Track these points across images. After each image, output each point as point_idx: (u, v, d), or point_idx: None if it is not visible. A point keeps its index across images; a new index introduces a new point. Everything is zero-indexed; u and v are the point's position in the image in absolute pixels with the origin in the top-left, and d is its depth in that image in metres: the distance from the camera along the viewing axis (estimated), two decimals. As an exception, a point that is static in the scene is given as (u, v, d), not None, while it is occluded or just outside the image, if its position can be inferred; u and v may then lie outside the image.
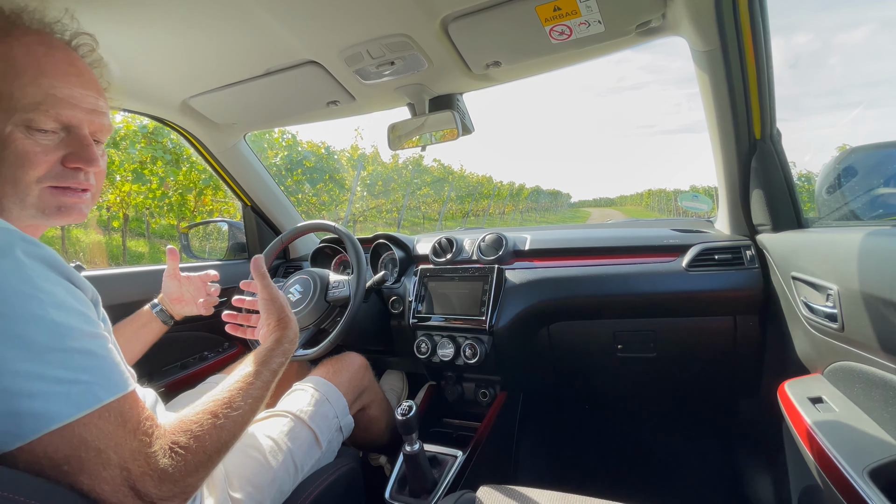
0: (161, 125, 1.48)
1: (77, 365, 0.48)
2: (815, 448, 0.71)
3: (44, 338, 0.46)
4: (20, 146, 0.57)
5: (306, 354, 1.18)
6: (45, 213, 0.61)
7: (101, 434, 0.47)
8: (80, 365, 0.48)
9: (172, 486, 0.51)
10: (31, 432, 0.44)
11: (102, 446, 0.47)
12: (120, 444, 0.48)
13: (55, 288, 0.49)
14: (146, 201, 6.07)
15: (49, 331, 0.47)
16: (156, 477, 0.50)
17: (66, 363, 0.47)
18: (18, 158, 0.58)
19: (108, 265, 6.28)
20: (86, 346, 0.50)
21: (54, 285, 0.49)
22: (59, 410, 0.45)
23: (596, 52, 1.01)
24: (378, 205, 12.05)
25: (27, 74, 0.58)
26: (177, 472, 0.51)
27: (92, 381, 0.48)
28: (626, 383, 1.49)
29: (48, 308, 0.47)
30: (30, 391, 0.44)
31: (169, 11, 0.84)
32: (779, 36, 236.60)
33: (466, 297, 1.31)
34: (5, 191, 0.58)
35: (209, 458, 0.56)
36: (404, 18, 0.89)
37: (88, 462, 0.46)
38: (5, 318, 0.45)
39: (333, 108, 1.30)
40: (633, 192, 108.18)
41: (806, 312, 0.88)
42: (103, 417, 0.48)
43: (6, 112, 0.57)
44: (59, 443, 0.45)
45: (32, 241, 0.50)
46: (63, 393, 0.46)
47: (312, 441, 0.95)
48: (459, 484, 1.06)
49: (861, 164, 0.99)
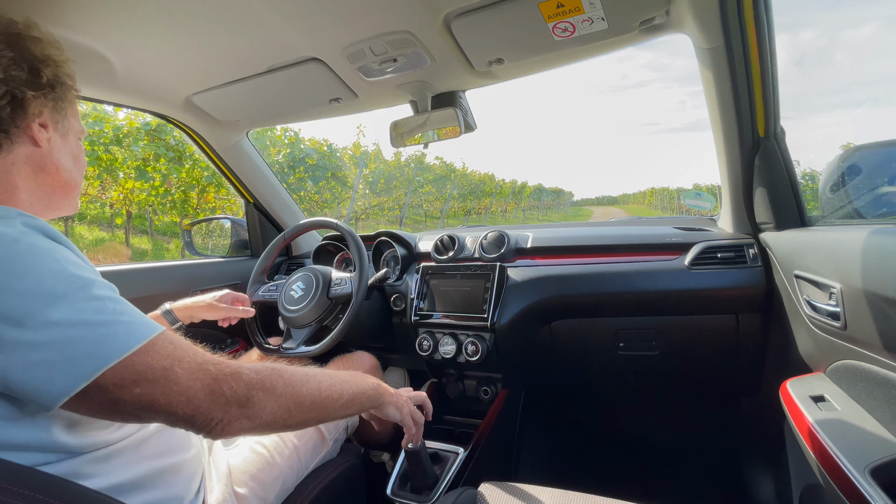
0: (164, 122, 1.49)
1: (111, 309, 0.51)
2: (816, 446, 0.71)
3: (71, 289, 0.49)
4: (83, 152, 0.73)
5: (309, 351, 1.18)
6: (77, 206, 0.74)
7: (163, 354, 0.52)
8: (114, 309, 0.52)
9: (246, 390, 0.56)
10: (90, 371, 0.47)
11: (167, 364, 0.51)
12: (184, 359, 0.53)
13: (62, 250, 0.53)
14: (149, 198, 6.09)
15: (73, 282, 0.50)
16: (230, 378, 0.55)
17: (101, 309, 0.50)
18: (85, 160, 0.73)
19: (112, 262, 6.30)
20: (110, 294, 0.53)
21: (59, 247, 0.53)
22: (112, 349, 0.49)
23: (599, 49, 1.01)
24: (380, 202, 12.04)
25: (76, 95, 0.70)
26: (254, 377, 0.57)
27: (132, 321, 0.52)
28: (628, 381, 1.49)
29: (64, 264, 0.51)
30: (78, 337, 0.47)
31: (173, 9, 0.84)
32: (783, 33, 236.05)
33: (468, 295, 1.31)
34: (78, 183, 0.71)
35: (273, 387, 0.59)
36: (407, 15, 0.89)
37: (158, 382, 0.50)
38: (29, 276, 0.47)
39: (336, 106, 1.30)
40: (636, 190, 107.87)
41: (809, 311, 0.88)
42: (157, 344, 0.52)
43: (79, 126, 0.71)
44: (124, 373, 0.49)
45: (29, 215, 0.53)
46: (110, 333, 0.49)
47: (319, 439, 0.96)
48: (461, 481, 1.06)
49: (865, 163, 0.98)
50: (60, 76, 0.65)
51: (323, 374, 0.69)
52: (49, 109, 0.64)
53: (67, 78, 0.66)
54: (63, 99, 0.66)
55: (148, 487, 0.62)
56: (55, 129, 0.66)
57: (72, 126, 0.69)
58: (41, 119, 0.63)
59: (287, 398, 0.61)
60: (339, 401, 0.69)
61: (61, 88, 0.65)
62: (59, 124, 0.66)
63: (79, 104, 0.73)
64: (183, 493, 0.68)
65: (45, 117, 0.63)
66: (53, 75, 0.63)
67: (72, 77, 0.67)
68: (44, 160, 0.65)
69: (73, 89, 0.68)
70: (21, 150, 0.62)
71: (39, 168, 0.65)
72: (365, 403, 0.76)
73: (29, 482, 0.43)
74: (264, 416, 0.58)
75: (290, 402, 0.61)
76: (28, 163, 0.63)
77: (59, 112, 0.66)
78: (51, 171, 0.66)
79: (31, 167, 0.64)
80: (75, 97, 0.69)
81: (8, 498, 0.40)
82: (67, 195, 0.70)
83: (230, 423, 0.55)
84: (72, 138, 0.69)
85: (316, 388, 0.65)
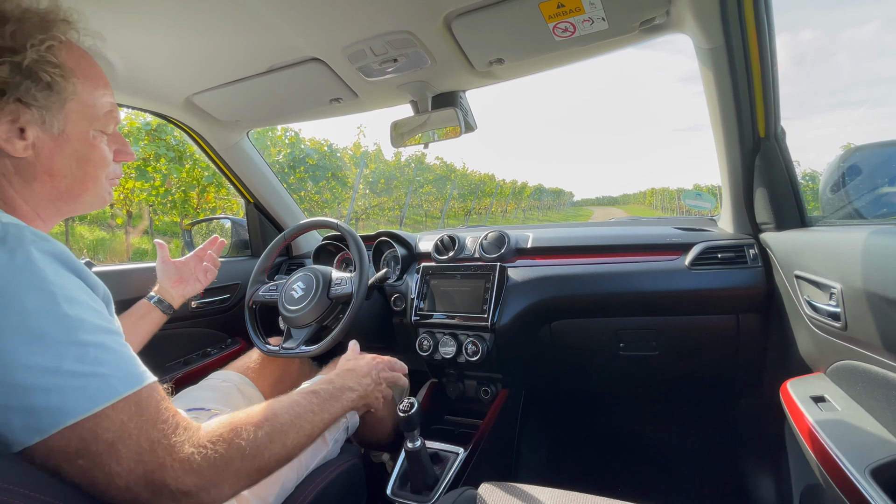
0: (164, 122, 1.49)
1: (92, 358, 0.48)
2: (817, 447, 0.70)
3: (56, 331, 0.46)
4: (101, 148, 0.63)
5: (309, 351, 1.18)
6: (105, 200, 0.67)
7: (112, 427, 0.47)
8: (95, 358, 0.48)
9: (197, 479, 0.50)
10: (48, 427, 0.44)
11: (114, 438, 0.46)
12: (132, 435, 0.47)
13: (67, 283, 0.50)
14: (149, 198, 6.08)
15: (61, 324, 0.47)
16: (177, 467, 0.49)
17: (81, 357, 0.47)
18: (102, 159, 0.63)
19: (113, 261, 6.31)
20: (99, 339, 0.49)
21: (66, 280, 0.50)
22: (76, 405, 0.45)
23: (599, 49, 1.01)
24: (380, 202, 12.04)
25: (99, 86, 0.62)
26: (204, 464, 0.50)
27: (109, 374, 0.48)
28: (628, 381, 1.49)
29: (60, 302, 0.47)
30: (45, 386, 0.44)
31: (173, 9, 0.84)
32: (784, 33, 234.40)
33: (468, 295, 1.31)
34: (87, 187, 0.63)
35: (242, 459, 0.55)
36: (408, 15, 0.89)
37: (100, 456, 0.46)
38: (17, 312, 0.45)
39: (336, 106, 1.30)
40: (636, 190, 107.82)
41: (809, 311, 0.88)
42: (118, 410, 0.47)
43: (90, 120, 0.61)
44: (72, 437, 0.45)
45: (44, 237, 0.50)
46: (80, 387, 0.46)
47: (320, 440, 0.95)
48: (461, 481, 1.06)
49: (865, 163, 0.98)
50: (37, 70, 0.53)
51: (291, 423, 0.64)
52: (23, 111, 0.54)
53: (52, 67, 0.55)
54: (48, 91, 0.55)
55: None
56: (42, 132, 0.56)
57: (73, 122, 0.59)
58: (13, 125, 0.54)
59: (248, 469, 0.56)
60: (309, 442, 0.67)
61: (35, 81, 0.54)
62: (46, 125, 0.56)
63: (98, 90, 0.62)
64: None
65: (21, 121, 0.54)
66: (13, 71, 0.52)
67: (63, 65, 0.56)
68: (32, 169, 0.57)
69: (69, 78, 0.57)
70: (2, 163, 0.55)
71: (31, 178, 0.57)
72: (339, 417, 0.77)
73: (30, 482, 0.43)
74: (224, 495, 0.53)
75: (252, 471, 0.56)
76: (17, 173, 0.56)
77: (45, 109, 0.55)
78: (43, 181, 0.58)
79: (21, 179, 0.57)
80: (75, 87, 0.58)
81: (8, 497, 0.40)
82: (73, 199, 0.62)
83: None
84: (73, 137, 0.59)
85: (282, 447, 0.61)
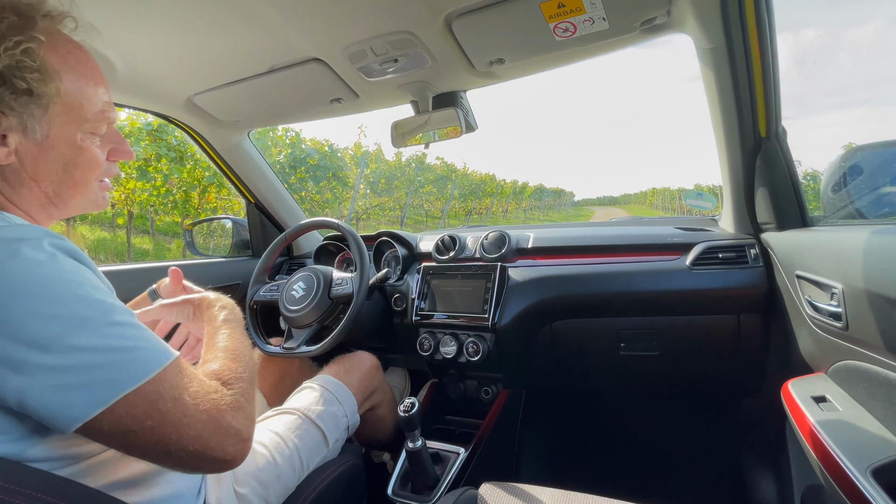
0: (165, 122, 1.49)
1: (131, 335, 0.52)
2: (818, 447, 0.70)
3: (95, 314, 0.50)
4: (91, 152, 0.60)
5: (310, 351, 1.18)
6: (97, 204, 0.65)
7: (171, 386, 0.52)
8: (133, 335, 0.52)
9: (244, 416, 0.57)
10: (107, 398, 0.48)
11: (176, 395, 0.52)
12: (189, 389, 0.54)
13: (85, 273, 0.53)
14: (150, 198, 6.09)
15: (97, 308, 0.51)
16: (232, 407, 0.56)
17: (122, 335, 0.51)
18: (90, 163, 0.61)
19: (114, 262, 6.32)
20: (130, 320, 0.53)
21: (83, 271, 0.53)
22: (130, 375, 0.50)
23: (600, 49, 1.01)
24: (381, 202, 12.04)
25: (88, 84, 0.59)
26: (243, 399, 0.59)
27: (150, 347, 0.53)
28: (629, 381, 1.49)
29: (89, 289, 0.51)
30: (99, 363, 0.48)
31: (174, 9, 0.84)
32: (785, 32, 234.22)
33: (469, 295, 1.31)
34: (76, 191, 0.61)
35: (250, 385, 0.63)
36: (408, 15, 0.89)
37: (168, 413, 0.51)
38: (56, 301, 0.48)
39: (337, 106, 1.30)
40: (637, 190, 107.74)
41: (810, 311, 0.88)
42: (169, 373, 0.53)
43: (78, 122, 0.58)
44: (137, 401, 0.50)
45: (55, 235, 0.53)
46: (128, 360, 0.50)
47: (321, 440, 0.95)
48: (462, 481, 1.06)
49: (867, 163, 0.98)
50: (10, 76, 0.50)
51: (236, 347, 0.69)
52: (2, 119, 0.52)
53: (30, 72, 0.51)
54: (26, 96, 0.52)
55: (149, 486, 0.62)
56: (24, 138, 0.54)
57: (58, 126, 0.56)
58: None
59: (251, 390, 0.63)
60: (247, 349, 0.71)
61: (9, 87, 0.51)
62: (28, 130, 0.54)
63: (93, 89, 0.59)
64: (184, 491, 0.68)
65: (2, 128, 0.52)
66: None
67: (43, 67, 0.52)
68: (18, 175, 0.55)
69: (50, 81, 0.53)
70: None
71: (18, 184, 0.56)
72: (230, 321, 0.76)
73: (31, 481, 0.43)
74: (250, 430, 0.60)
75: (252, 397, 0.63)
76: (3, 179, 0.55)
77: (25, 114, 0.53)
78: (30, 186, 0.57)
79: (7, 183, 0.56)
80: (59, 90, 0.54)
81: (10, 497, 0.40)
82: (63, 205, 0.61)
83: (240, 454, 0.57)
84: (58, 141, 0.56)
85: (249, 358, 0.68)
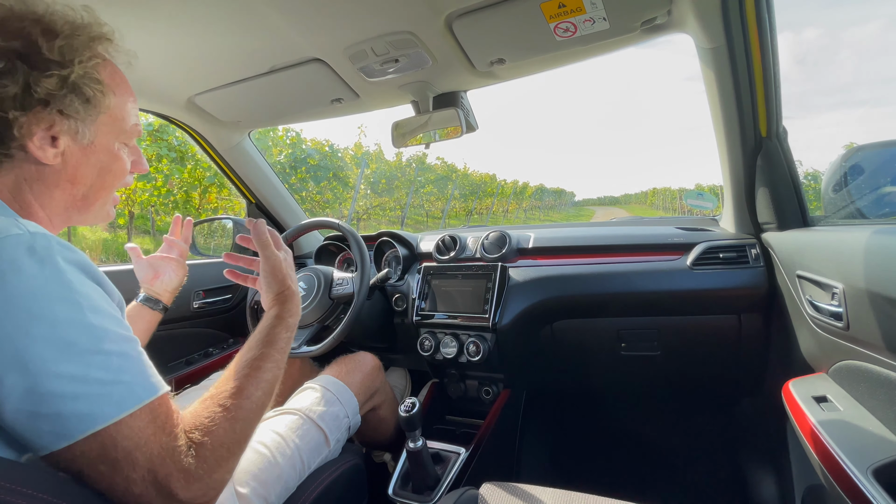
0: (166, 123, 1.49)
1: (116, 366, 0.49)
2: (819, 447, 0.70)
3: (84, 340, 0.48)
4: (123, 161, 0.65)
5: (310, 351, 1.18)
6: (110, 214, 0.69)
7: (130, 434, 0.48)
8: (119, 366, 0.50)
9: (200, 485, 0.51)
10: (75, 432, 0.46)
11: (131, 446, 0.48)
12: (148, 442, 0.49)
13: (91, 292, 0.51)
14: (151, 199, 6.11)
15: (88, 333, 0.48)
16: (182, 476, 0.50)
17: (106, 365, 0.48)
18: (122, 170, 0.66)
19: (115, 262, 6.32)
20: (122, 348, 0.51)
21: (90, 289, 0.51)
22: (103, 411, 0.47)
23: (601, 49, 1.01)
24: (381, 203, 12.05)
25: (129, 99, 0.65)
26: (201, 469, 0.51)
27: (132, 382, 0.50)
28: (630, 381, 1.49)
29: (86, 312, 0.49)
30: (73, 393, 0.46)
31: (175, 9, 0.85)
32: (785, 31, 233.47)
33: (470, 295, 1.31)
34: (100, 196, 0.65)
35: (229, 451, 0.55)
36: (409, 15, 0.89)
37: (118, 462, 0.47)
38: (47, 322, 0.46)
39: (337, 106, 1.30)
40: (638, 190, 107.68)
41: (811, 311, 0.88)
42: (136, 417, 0.49)
43: (117, 133, 0.64)
44: (94, 443, 0.46)
45: (69, 247, 0.52)
46: (105, 394, 0.48)
47: (321, 440, 0.95)
48: (462, 481, 1.06)
49: (868, 163, 0.98)
50: (78, 83, 0.56)
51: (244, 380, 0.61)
52: (60, 121, 0.56)
53: (95, 83, 0.58)
54: (86, 104, 0.58)
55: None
56: (73, 141, 0.59)
57: (102, 134, 0.61)
58: (47, 133, 0.56)
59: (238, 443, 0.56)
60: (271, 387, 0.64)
61: (78, 95, 0.57)
62: (79, 135, 0.59)
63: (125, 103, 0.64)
64: (185, 492, 0.67)
65: (55, 130, 0.57)
66: (60, 84, 0.55)
67: (103, 81, 0.59)
68: (56, 177, 0.59)
69: (107, 94, 0.60)
70: (26, 168, 0.57)
71: (53, 185, 0.59)
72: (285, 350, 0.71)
73: (32, 481, 0.43)
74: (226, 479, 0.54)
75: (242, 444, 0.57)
76: (40, 180, 0.58)
77: (80, 121, 0.58)
78: (64, 188, 0.60)
79: (43, 185, 0.59)
80: (111, 103, 0.61)
81: (13, 497, 0.40)
82: (85, 209, 0.64)
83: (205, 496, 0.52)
84: (100, 147, 0.61)
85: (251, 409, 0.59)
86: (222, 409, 0.57)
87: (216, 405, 0.57)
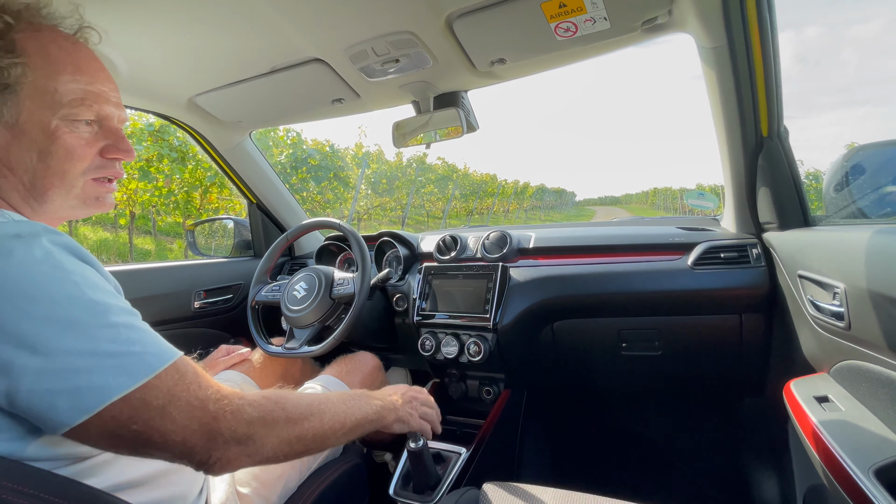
0: (167, 123, 1.49)
1: (125, 338, 0.50)
2: (820, 447, 0.70)
3: (87, 316, 0.48)
4: (67, 140, 0.58)
5: (311, 351, 1.18)
6: (86, 203, 0.63)
7: (160, 394, 0.50)
8: (127, 338, 0.50)
9: (248, 428, 0.55)
10: (94, 405, 0.47)
11: (164, 403, 0.50)
12: (182, 396, 0.51)
13: (84, 271, 0.51)
14: (152, 199, 6.11)
15: (90, 309, 0.49)
16: (230, 417, 0.54)
17: (113, 338, 0.49)
18: (67, 152, 0.59)
19: (116, 262, 6.33)
20: (127, 320, 0.52)
21: (83, 268, 0.51)
22: (118, 382, 0.48)
23: (601, 49, 1.01)
24: (382, 203, 12.05)
25: (66, 71, 0.58)
26: (255, 415, 0.56)
27: (143, 352, 0.51)
28: (631, 381, 1.49)
29: (84, 289, 0.50)
30: (86, 367, 0.47)
31: (176, 9, 0.85)
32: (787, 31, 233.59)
33: (470, 295, 1.31)
34: (52, 182, 0.59)
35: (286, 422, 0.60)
36: (409, 16, 0.89)
37: (152, 420, 0.49)
38: (46, 302, 0.47)
39: (338, 106, 1.30)
40: (639, 190, 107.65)
41: (812, 311, 0.88)
42: (162, 379, 0.51)
43: (51, 107, 0.57)
44: (123, 408, 0.48)
45: (53, 231, 0.52)
46: (118, 365, 0.49)
47: None
48: (463, 481, 1.06)
49: (869, 162, 0.98)
50: None
51: (326, 404, 0.67)
52: None
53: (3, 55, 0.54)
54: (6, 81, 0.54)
55: (152, 486, 0.62)
56: None
57: (28, 111, 0.56)
58: None
59: (289, 433, 0.60)
60: (342, 430, 0.68)
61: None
62: (1, 116, 0.55)
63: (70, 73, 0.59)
64: (186, 492, 0.68)
65: None
66: None
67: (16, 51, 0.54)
68: None
69: (27, 66, 0.55)
70: None
71: None
72: (368, 427, 0.75)
73: (34, 481, 0.44)
74: (265, 453, 0.57)
75: (292, 437, 0.60)
76: None
77: None
78: (6, 175, 0.57)
79: None
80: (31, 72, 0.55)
81: (14, 497, 0.40)
82: (41, 196, 0.59)
83: (230, 462, 0.54)
84: (30, 127, 0.56)
85: (318, 422, 0.64)
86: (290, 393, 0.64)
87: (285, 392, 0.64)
